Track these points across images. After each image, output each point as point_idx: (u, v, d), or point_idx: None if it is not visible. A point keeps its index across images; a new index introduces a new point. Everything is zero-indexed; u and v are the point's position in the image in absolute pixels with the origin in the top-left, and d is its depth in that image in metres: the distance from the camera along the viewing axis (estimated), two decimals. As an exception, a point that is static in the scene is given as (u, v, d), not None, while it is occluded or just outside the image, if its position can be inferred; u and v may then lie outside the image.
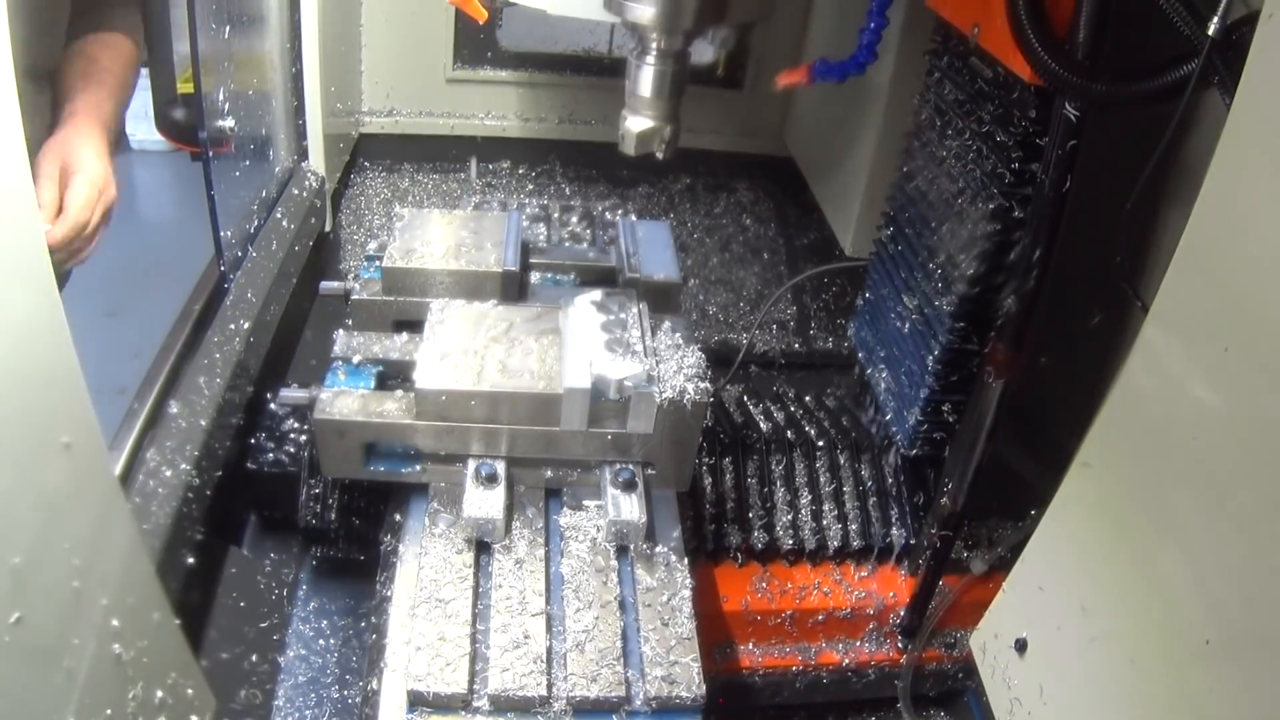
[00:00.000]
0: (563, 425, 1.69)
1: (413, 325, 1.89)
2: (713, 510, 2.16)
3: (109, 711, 1.25)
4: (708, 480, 2.18)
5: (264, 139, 2.62)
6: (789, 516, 2.20)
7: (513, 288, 1.95)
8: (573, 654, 1.49)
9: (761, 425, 2.34)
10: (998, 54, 1.76)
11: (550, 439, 1.71)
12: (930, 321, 1.99)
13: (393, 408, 1.70)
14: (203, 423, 1.92)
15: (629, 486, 1.70)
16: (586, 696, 1.45)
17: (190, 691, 1.51)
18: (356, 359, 1.80)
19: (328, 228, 2.93)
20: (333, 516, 2.12)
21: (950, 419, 2.01)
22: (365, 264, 2.01)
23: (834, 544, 2.20)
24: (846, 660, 2.23)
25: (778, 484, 2.23)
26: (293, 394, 1.86)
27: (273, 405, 2.19)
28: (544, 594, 1.57)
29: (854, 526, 2.21)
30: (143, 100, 2.03)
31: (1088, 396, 1.90)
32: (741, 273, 3.23)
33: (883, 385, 2.21)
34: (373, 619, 1.73)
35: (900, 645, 2.25)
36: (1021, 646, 1.59)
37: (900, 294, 2.12)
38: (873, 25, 1.53)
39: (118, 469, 1.72)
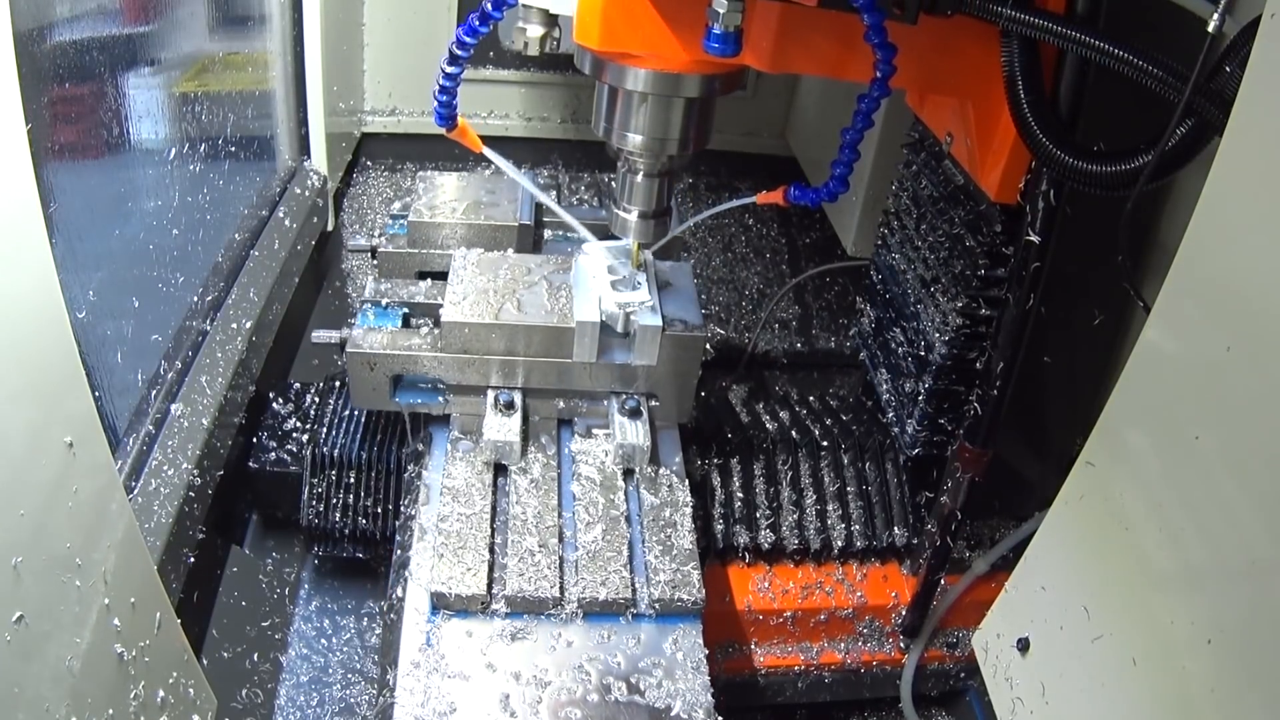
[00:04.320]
0: (574, 357, 1.83)
1: (435, 276, 2.05)
2: (722, 510, 2.19)
3: (111, 711, 1.25)
4: (717, 480, 2.20)
5: (266, 138, 2.62)
6: (794, 516, 2.20)
7: (527, 240, 2.12)
8: (583, 561, 1.63)
9: (767, 425, 2.35)
10: (966, 167, 1.80)
11: (562, 370, 1.85)
12: (919, 360, 2.00)
13: (419, 342, 1.84)
14: (205, 422, 1.92)
15: (635, 414, 1.85)
16: (596, 598, 1.58)
17: (191, 691, 1.51)
18: (385, 302, 1.93)
19: (330, 227, 2.93)
20: (335, 515, 2.13)
21: (949, 426, 2.01)
22: (390, 222, 2.17)
23: (838, 544, 2.20)
24: (849, 660, 2.23)
25: (783, 484, 2.23)
26: (326, 334, 1.96)
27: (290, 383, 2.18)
28: (557, 509, 1.72)
29: (857, 527, 2.21)
30: (145, 99, 2.03)
31: (1090, 396, 1.90)
32: (744, 272, 3.23)
33: (884, 386, 2.21)
34: (398, 538, 1.85)
35: (902, 645, 2.25)
36: (1024, 646, 1.59)
37: (893, 325, 2.14)
38: (845, 159, 1.65)
39: (120, 468, 1.72)
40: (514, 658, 1.53)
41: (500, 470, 1.80)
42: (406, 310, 1.92)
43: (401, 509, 1.94)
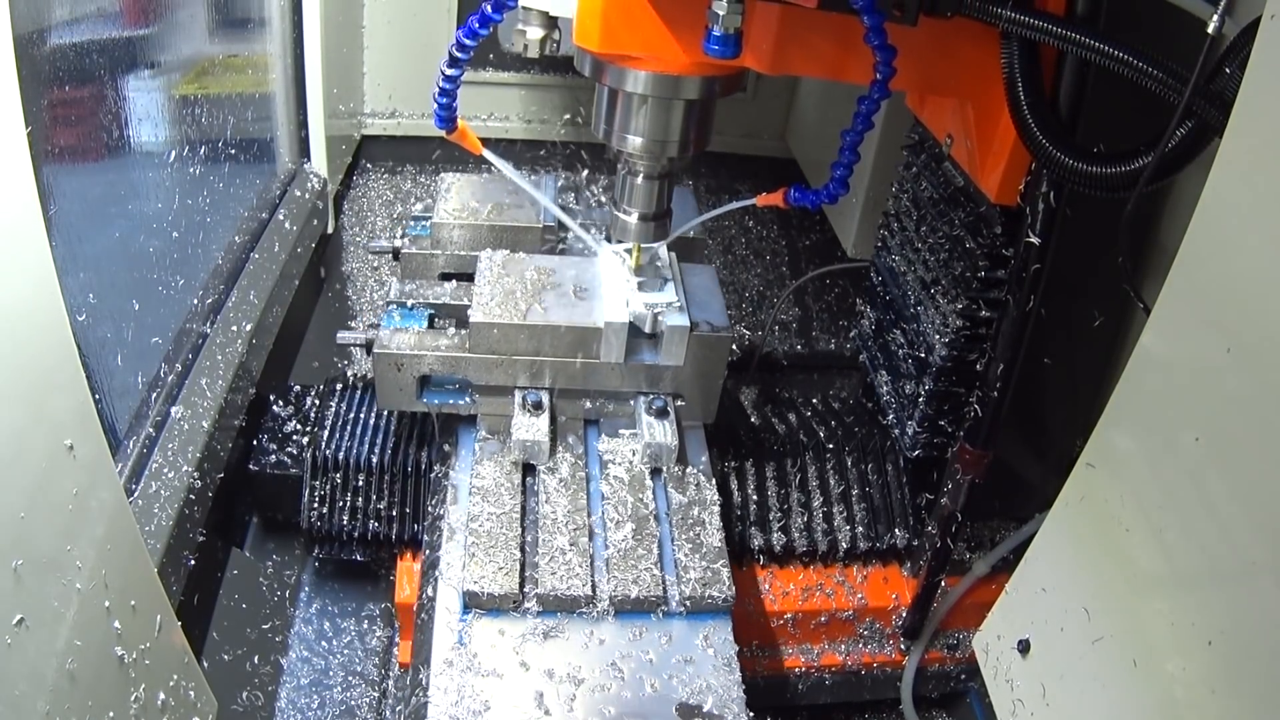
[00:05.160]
0: (602, 357, 1.84)
1: (458, 277, 2.05)
2: (738, 512, 2.19)
3: (111, 714, 1.25)
4: (734, 483, 2.21)
5: (266, 140, 2.62)
6: (803, 518, 2.21)
7: (552, 241, 2.12)
8: (614, 559, 1.65)
9: (777, 428, 2.35)
10: (966, 169, 1.80)
11: (590, 371, 1.87)
12: (919, 362, 2.00)
13: (446, 343, 1.85)
14: (205, 424, 1.92)
15: (662, 414, 1.87)
16: (628, 596, 1.60)
17: (192, 693, 1.51)
18: (410, 303, 1.93)
19: (330, 229, 2.93)
20: (335, 518, 2.13)
21: (949, 428, 2.01)
22: (412, 223, 2.17)
23: (843, 545, 2.20)
24: (849, 661, 2.23)
25: (792, 486, 2.24)
26: (350, 335, 1.96)
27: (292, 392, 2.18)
28: (586, 508, 1.74)
29: (859, 529, 2.21)
30: (145, 102, 2.03)
31: (1091, 397, 1.90)
32: (744, 274, 3.23)
33: (884, 388, 2.21)
34: (426, 538, 1.86)
35: (903, 646, 2.25)
36: (1024, 648, 1.59)
37: (893, 327, 2.14)
38: (845, 160, 1.67)
39: (120, 471, 1.72)
40: (547, 656, 1.54)
41: (529, 470, 1.81)
42: (432, 311, 1.93)
43: (429, 509, 1.95)
